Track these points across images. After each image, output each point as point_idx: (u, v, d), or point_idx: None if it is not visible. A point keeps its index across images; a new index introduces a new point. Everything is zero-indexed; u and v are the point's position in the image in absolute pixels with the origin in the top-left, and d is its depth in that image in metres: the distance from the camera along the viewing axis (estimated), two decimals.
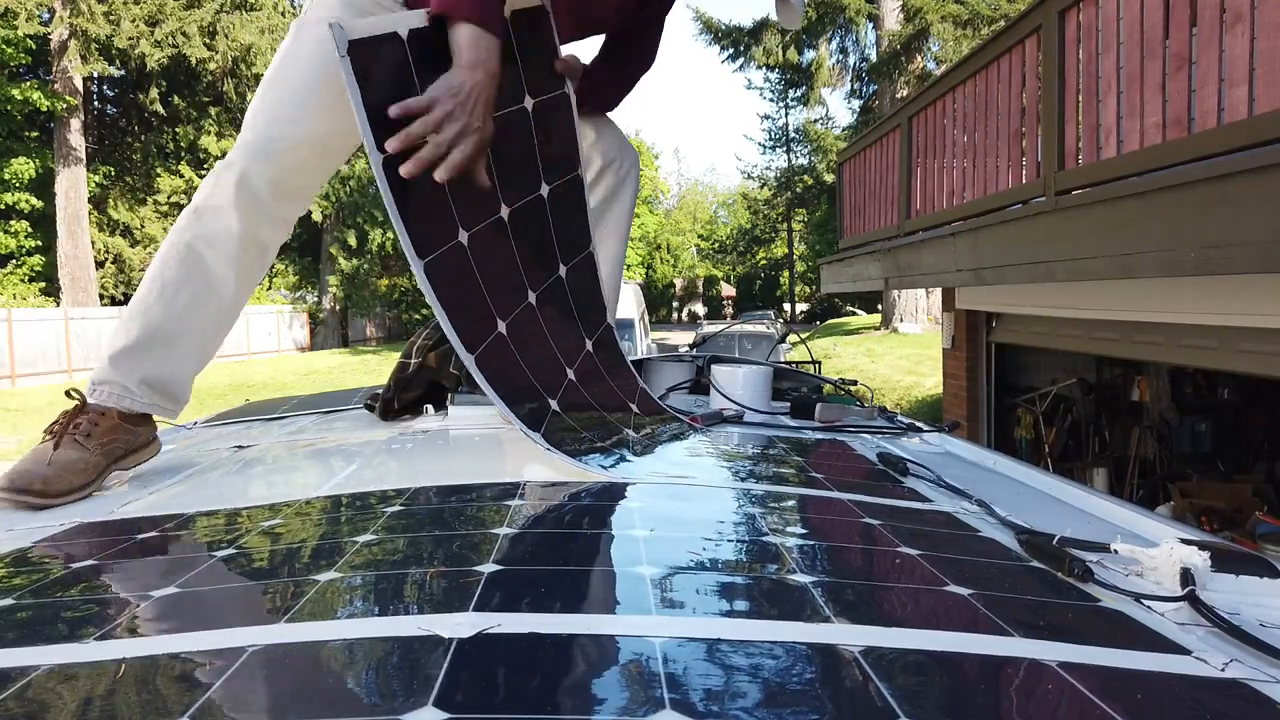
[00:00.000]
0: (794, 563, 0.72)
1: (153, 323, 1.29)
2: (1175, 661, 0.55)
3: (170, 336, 1.30)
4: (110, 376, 1.27)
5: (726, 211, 53.88)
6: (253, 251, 1.34)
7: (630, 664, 0.51)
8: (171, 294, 1.29)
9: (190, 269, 1.30)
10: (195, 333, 1.33)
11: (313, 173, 1.38)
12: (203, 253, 1.30)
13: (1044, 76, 4.23)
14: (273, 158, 1.30)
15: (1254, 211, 2.62)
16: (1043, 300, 5.06)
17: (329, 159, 1.39)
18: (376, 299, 27.24)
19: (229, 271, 1.32)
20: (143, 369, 1.28)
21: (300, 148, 1.31)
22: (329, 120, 1.32)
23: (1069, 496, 1.16)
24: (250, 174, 1.29)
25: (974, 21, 17.68)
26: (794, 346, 13.11)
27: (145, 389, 1.28)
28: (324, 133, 1.33)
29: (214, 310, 1.33)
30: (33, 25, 19.30)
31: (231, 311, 1.37)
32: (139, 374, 1.28)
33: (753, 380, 1.78)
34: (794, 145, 33.59)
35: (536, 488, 1.01)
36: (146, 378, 1.28)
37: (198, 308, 1.31)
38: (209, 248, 1.30)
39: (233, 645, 0.53)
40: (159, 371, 1.29)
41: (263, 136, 1.30)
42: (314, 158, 1.35)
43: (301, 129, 1.30)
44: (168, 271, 1.30)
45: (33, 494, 1.08)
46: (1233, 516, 4.55)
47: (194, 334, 1.33)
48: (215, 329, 1.36)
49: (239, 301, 1.37)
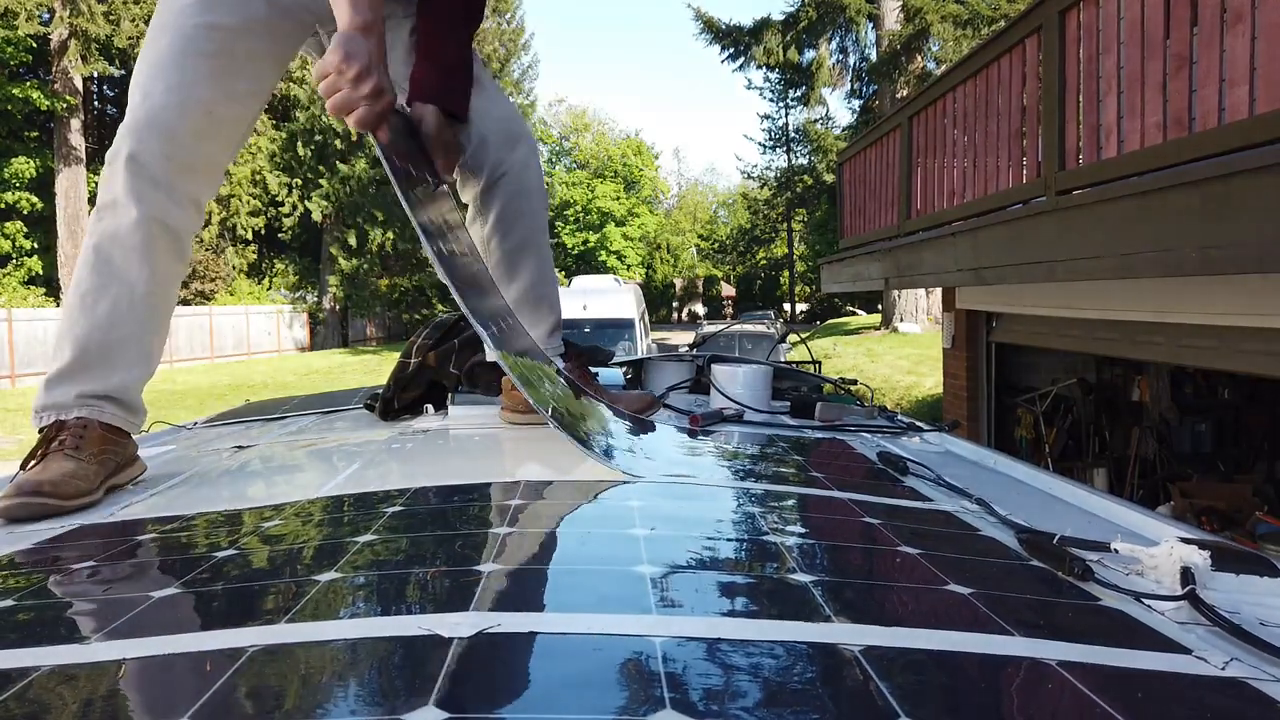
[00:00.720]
0: (794, 562, 0.72)
1: (81, 339, 1.23)
2: (1175, 661, 0.55)
3: (103, 349, 1.24)
4: (51, 400, 1.22)
5: (726, 211, 53.88)
6: (162, 240, 1.28)
7: (630, 664, 0.51)
8: (91, 303, 1.24)
9: (102, 272, 1.25)
10: (128, 339, 1.27)
11: (205, 141, 1.31)
12: (111, 252, 1.25)
13: (1044, 76, 4.23)
14: (158, 129, 1.25)
15: (1254, 211, 2.62)
16: (1043, 300, 5.06)
17: (220, 128, 1.33)
18: (376, 299, 27.25)
19: (142, 266, 1.26)
20: (84, 387, 1.23)
21: (185, 114, 1.27)
22: (209, 86, 1.29)
23: (1069, 496, 1.16)
24: (138, 152, 1.24)
25: (974, 21, 17.68)
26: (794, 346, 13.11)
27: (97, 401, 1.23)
28: (206, 98, 1.29)
29: (138, 310, 1.27)
30: (33, 25, 19.32)
31: (158, 308, 1.30)
32: (79, 391, 1.22)
33: (753, 380, 1.78)
34: (794, 145, 33.60)
35: (536, 488, 1.01)
36: (90, 393, 1.23)
37: (120, 311, 1.25)
38: (116, 246, 1.25)
39: (233, 645, 0.53)
40: (103, 387, 1.23)
41: (144, 110, 1.25)
42: (202, 125, 1.29)
43: (179, 95, 1.26)
44: (82, 281, 1.25)
45: (44, 495, 1.04)
46: (1233, 516, 4.55)
47: (127, 340, 1.27)
48: (147, 330, 1.29)
49: (163, 296, 1.31)
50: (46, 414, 1.22)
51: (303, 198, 24.72)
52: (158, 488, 1.20)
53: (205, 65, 1.28)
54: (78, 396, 1.22)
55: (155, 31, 1.31)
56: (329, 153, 24.44)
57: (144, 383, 1.31)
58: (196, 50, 1.27)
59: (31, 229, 21.57)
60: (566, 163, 43.26)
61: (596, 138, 44.13)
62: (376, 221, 25.06)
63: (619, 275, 25.23)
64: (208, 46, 1.29)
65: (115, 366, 1.25)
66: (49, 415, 1.22)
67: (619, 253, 40.08)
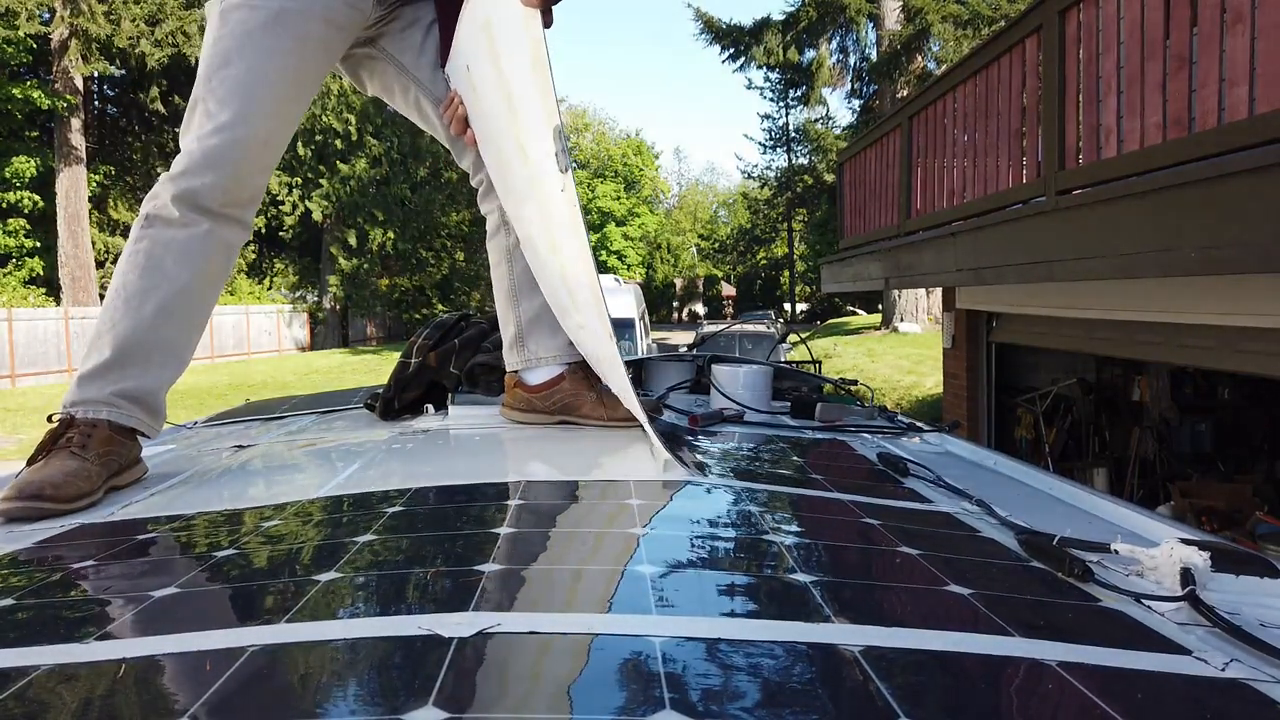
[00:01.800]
0: (794, 562, 0.72)
1: (122, 336, 1.25)
2: (1175, 661, 0.55)
3: (144, 348, 1.27)
4: (85, 395, 1.24)
5: (727, 211, 53.86)
6: (216, 250, 1.31)
7: (630, 663, 0.51)
8: (137, 304, 1.26)
9: (152, 275, 1.27)
10: (167, 341, 1.29)
11: (258, 175, 1.35)
12: (164, 258, 1.27)
13: (1044, 76, 4.23)
14: (221, 168, 1.27)
15: (1254, 211, 2.62)
16: (1043, 300, 5.06)
17: (273, 156, 1.36)
18: (377, 299, 27.24)
19: (192, 273, 1.29)
20: (119, 385, 1.25)
21: (248, 149, 1.29)
22: (277, 111, 1.31)
23: (1069, 496, 1.16)
24: (199, 189, 1.27)
25: (974, 21, 17.68)
26: (794, 346, 13.10)
27: (125, 402, 1.25)
28: (273, 128, 1.31)
29: (184, 313, 1.30)
30: (33, 25, 19.31)
31: (201, 314, 1.34)
32: (114, 389, 1.24)
33: (753, 380, 1.78)
34: (794, 145, 33.57)
35: (536, 488, 1.01)
36: (123, 392, 1.25)
37: (166, 312, 1.28)
38: (169, 252, 1.27)
39: (234, 645, 0.53)
40: (137, 386, 1.26)
41: (209, 147, 1.27)
42: (259, 158, 1.32)
43: (247, 130, 1.28)
44: (130, 284, 1.27)
45: (44, 499, 1.05)
46: (1233, 516, 4.55)
47: (166, 342, 1.29)
48: (187, 334, 1.33)
49: (208, 303, 1.34)
50: (78, 409, 1.23)
51: (303, 197, 24.71)
52: (158, 487, 1.20)
53: (281, 91, 1.30)
54: (111, 394, 1.24)
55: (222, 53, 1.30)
56: (329, 153, 24.43)
57: (171, 385, 1.34)
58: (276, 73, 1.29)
59: (32, 229, 21.56)
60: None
61: (597, 137, 44.13)
62: (377, 221, 25.06)
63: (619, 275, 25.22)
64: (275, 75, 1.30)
65: (151, 366, 1.28)
66: (81, 410, 1.23)
67: (619, 253, 40.08)
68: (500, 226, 1.59)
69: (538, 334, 1.57)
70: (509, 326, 1.59)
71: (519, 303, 1.57)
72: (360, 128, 23.97)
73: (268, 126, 1.31)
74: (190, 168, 1.28)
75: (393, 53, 1.51)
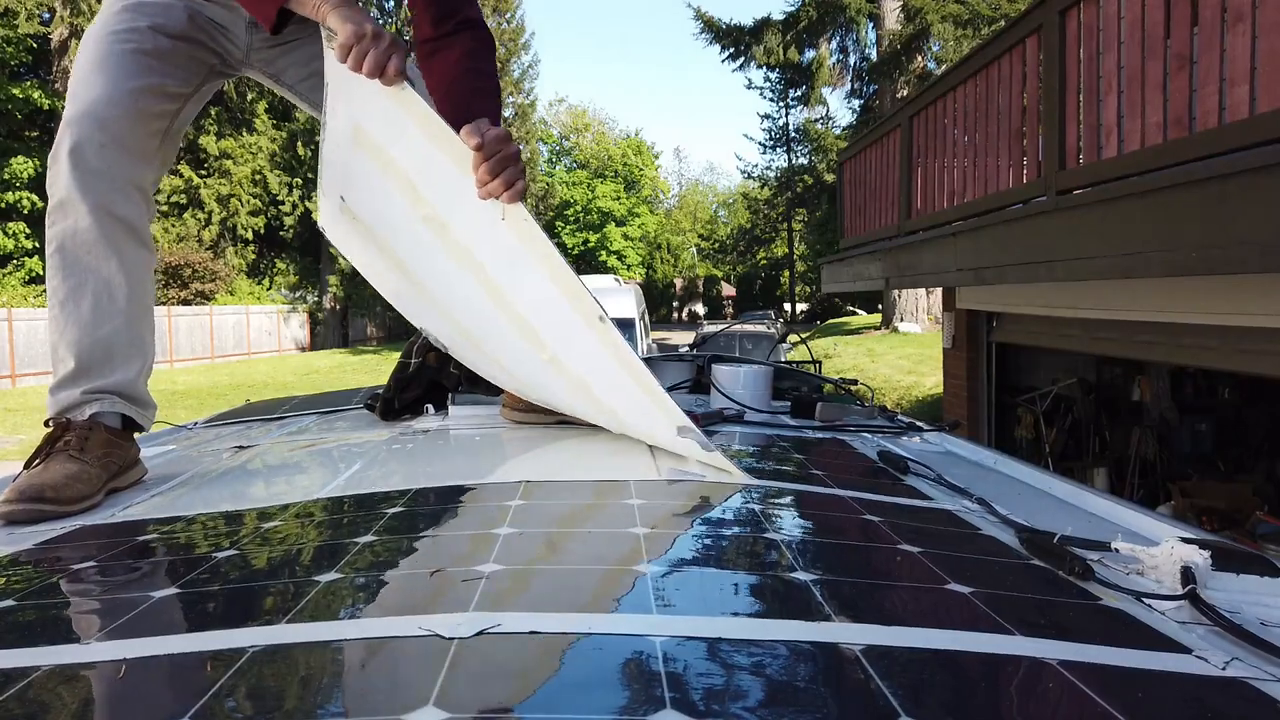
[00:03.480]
0: (794, 561, 0.72)
1: (74, 343, 1.26)
2: (1176, 660, 0.55)
3: (100, 348, 1.27)
4: (64, 403, 1.25)
5: (727, 211, 53.84)
6: (118, 230, 1.30)
7: (630, 663, 0.51)
8: (74, 307, 1.26)
9: (74, 273, 1.27)
10: (117, 332, 1.29)
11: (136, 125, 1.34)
12: (76, 251, 1.27)
13: (1045, 76, 4.23)
14: (90, 118, 1.28)
15: (1254, 211, 2.62)
16: (1043, 300, 5.06)
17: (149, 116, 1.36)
18: (377, 298, 27.09)
19: (109, 258, 1.28)
20: (90, 385, 1.26)
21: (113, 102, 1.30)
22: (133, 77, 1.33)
23: (1069, 495, 1.16)
24: (76, 143, 1.27)
25: (974, 21, 17.68)
26: (794, 346, 13.11)
27: (106, 396, 1.26)
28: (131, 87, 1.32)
29: (119, 302, 1.30)
30: (33, 25, 19.32)
31: (138, 297, 1.33)
32: (87, 388, 1.25)
33: (753, 380, 1.78)
34: (794, 145, 33.57)
35: (536, 488, 1.01)
36: (98, 389, 1.26)
37: (102, 306, 1.28)
38: (78, 244, 1.27)
39: (234, 645, 0.54)
40: (109, 383, 1.27)
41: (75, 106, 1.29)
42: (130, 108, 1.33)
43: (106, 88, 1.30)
44: (59, 288, 1.27)
45: (45, 501, 1.05)
46: (1233, 516, 4.55)
47: (117, 334, 1.29)
48: (133, 319, 1.32)
49: (139, 283, 1.33)
50: (66, 415, 1.24)
51: (303, 197, 24.71)
52: (158, 488, 1.20)
53: (129, 61, 1.33)
54: (84, 393, 1.25)
55: (83, 46, 1.36)
56: None
57: (146, 374, 1.34)
58: (119, 50, 1.33)
59: (32, 229, 21.56)
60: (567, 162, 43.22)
61: (597, 137, 44.11)
62: None
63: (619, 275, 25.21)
64: (127, 46, 1.34)
65: (113, 362, 1.28)
66: (70, 414, 1.24)
67: (619, 253, 40.07)
68: None
69: None
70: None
71: None
72: None
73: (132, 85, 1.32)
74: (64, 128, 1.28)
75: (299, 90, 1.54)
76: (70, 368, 1.26)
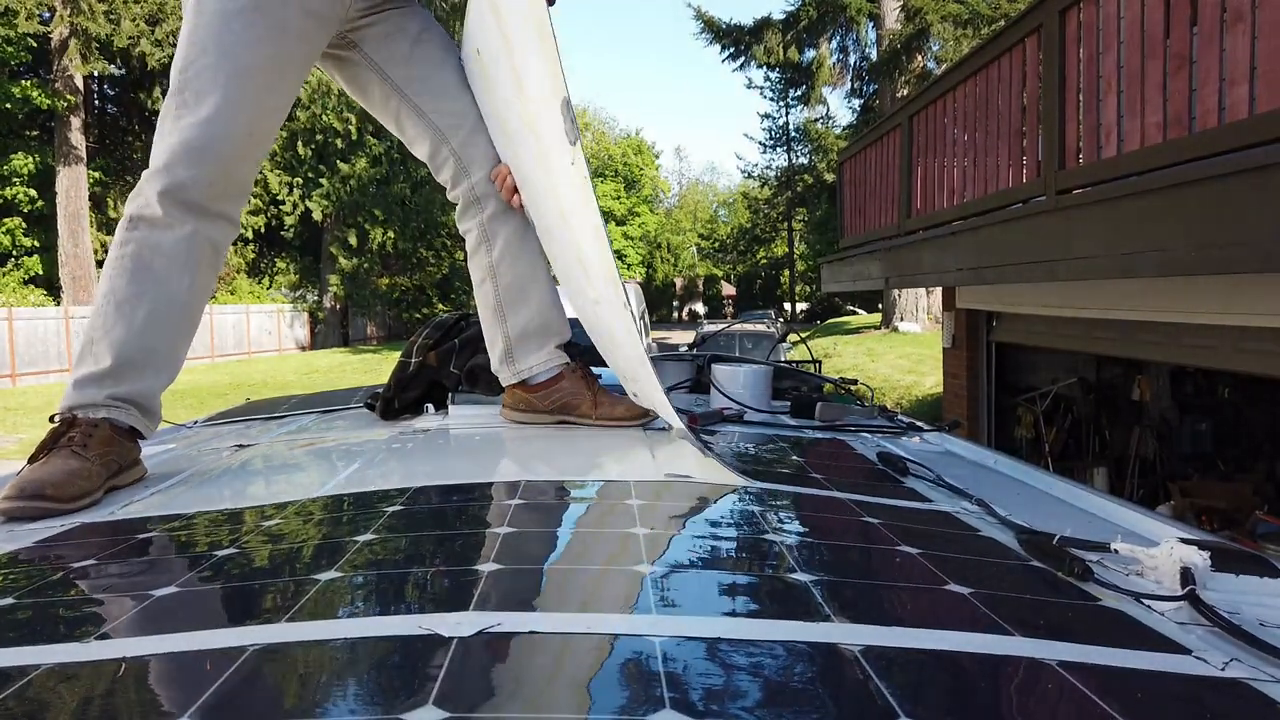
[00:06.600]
0: (794, 562, 0.72)
1: (117, 344, 1.25)
2: (1175, 661, 0.55)
3: (140, 356, 1.26)
4: (83, 399, 1.24)
5: (727, 211, 53.82)
6: (204, 252, 1.30)
7: (630, 663, 0.51)
8: (129, 311, 1.25)
9: (141, 280, 1.26)
10: (161, 347, 1.29)
11: (244, 165, 1.33)
12: (152, 261, 1.26)
13: (1044, 76, 4.23)
14: (204, 162, 1.26)
15: (1254, 211, 2.62)
16: (1043, 300, 5.06)
17: (257, 147, 1.34)
18: (377, 298, 27.23)
19: (182, 276, 1.28)
20: (116, 389, 1.25)
21: (231, 141, 1.27)
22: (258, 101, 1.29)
23: (1069, 496, 1.16)
24: (185, 183, 1.25)
25: (974, 21, 17.66)
26: (794, 346, 13.10)
27: (124, 404, 1.25)
28: (255, 118, 1.29)
29: (176, 318, 1.29)
30: (33, 24, 19.30)
31: (193, 318, 1.33)
32: (111, 393, 1.24)
33: (753, 379, 1.77)
34: (794, 144, 33.55)
35: (536, 488, 1.01)
36: (121, 395, 1.25)
37: (158, 318, 1.27)
38: (158, 255, 1.26)
39: (233, 645, 0.53)
40: (133, 390, 1.26)
41: (190, 140, 1.25)
42: (243, 148, 1.30)
43: (228, 121, 1.26)
44: (120, 289, 1.26)
45: (45, 498, 1.05)
46: (1233, 516, 4.55)
47: (160, 348, 1.29)
48: (180, 336, 1.32)
49: (199, 305, 1.33)
50: (78, 411, 1.23)
51: (303, 197, 24.70)
52: (158, 487, 1.20)
53: (266, 78, 1.29)
54: (109, 397, 1.24)
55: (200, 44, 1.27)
56: (329, 152, 24.42)
57: (166, 388, 1.33)
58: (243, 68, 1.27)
59: (31, 228, 21.55)
60: None
61: (597, 137, 44.09)
62: (377, 221, 25.04)
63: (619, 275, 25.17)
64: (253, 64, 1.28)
65: (147, 372, 1.28)
66: (81, 412, 1.23)
67: (619, 252, 40.00)
68: (481, 244, 1.57)
69: (526, 348, 1.56)
70: (496, 344, 1.58)
71: (506, 319, 1.57)
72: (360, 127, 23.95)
73: (249, 117, 1.29)
74: (172, 162, 1.25)
75: (377, 60, 1.50)
76: (105, 365, 1.24)
